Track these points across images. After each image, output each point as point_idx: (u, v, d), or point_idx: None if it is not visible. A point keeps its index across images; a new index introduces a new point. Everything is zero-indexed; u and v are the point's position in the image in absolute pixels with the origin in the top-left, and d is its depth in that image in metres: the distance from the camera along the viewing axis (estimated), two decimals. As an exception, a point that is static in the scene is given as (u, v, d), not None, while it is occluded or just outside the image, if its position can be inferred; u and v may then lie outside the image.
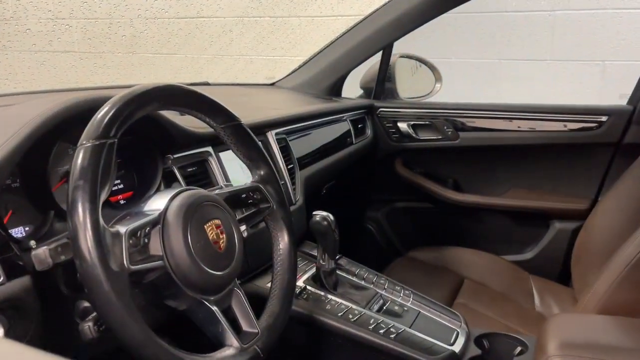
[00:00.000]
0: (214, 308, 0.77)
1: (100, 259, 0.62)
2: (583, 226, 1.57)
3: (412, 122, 1.89)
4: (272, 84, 1.99)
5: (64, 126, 0.78)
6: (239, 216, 0.89)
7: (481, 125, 1.81)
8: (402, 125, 1.90)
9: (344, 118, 1.75)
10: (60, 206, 0.80)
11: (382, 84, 1.96)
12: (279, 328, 0.85)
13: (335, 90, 1.94)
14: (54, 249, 0.67)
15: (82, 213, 0.62)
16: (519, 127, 1.77)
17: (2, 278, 0.67)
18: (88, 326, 0.68)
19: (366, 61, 1.90)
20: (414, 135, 1.90)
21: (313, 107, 1.63)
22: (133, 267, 0.66)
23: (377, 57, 1.89)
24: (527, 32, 2.59)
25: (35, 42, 2.46)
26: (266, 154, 0.94)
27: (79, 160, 0.64)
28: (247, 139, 0.91)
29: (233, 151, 0.92)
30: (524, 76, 2.63)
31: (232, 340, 0.76)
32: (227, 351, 0.75)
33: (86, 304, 0.75)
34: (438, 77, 2.07)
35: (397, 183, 1.97)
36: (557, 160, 1.79)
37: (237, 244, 0.81)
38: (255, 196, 0.91)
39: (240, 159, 0.93)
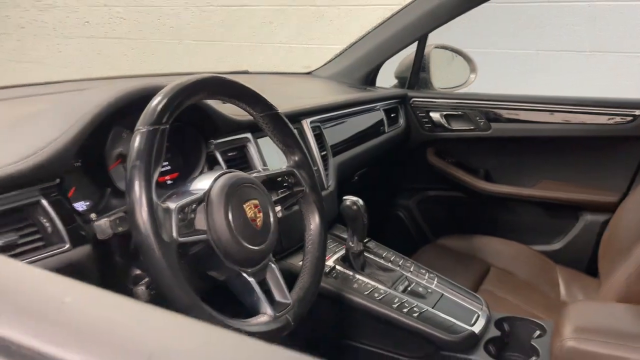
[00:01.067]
0: (251, 279, 0.85)
1: (153, 230, 0.70)
2: (611, 218, 1.58)
3: (444, 112, 1.93)
4: (309, 73, 2.06)
5: (120, 112, 0.87)
6: (274, 198, 0.96)
7: (513, 116, 1.84)
8: (435, 115, 1.94)
9: (377, 107, 1.80)
10: (116, 184, 0.90)
11: (417, 74, 2.00)
12: (309, 300, 0.93)
13: (369, 79, 1.99)
14: (114, 221, 0.77)
15: (138, 190, 0.71)
16: (551, 119, 1.78)
17: (68, 245, 0.77)
18: (141, 289, 0.78)
19: (401, 51, 1.95)
20: (446, 125, 1.93)
21: (347, 97, 1.69)
22: (181, 239, 0.75)
23: (412, 48, 1.93)
24: (566, 23, 2.57)
25: (93, 33, 2.63)
26: (301, 141, 1.01)
27: (136, 144, 0.73)
28: (283, 127, 0.98)
29: (270, 138, 0.99)
30: (562, 67, 2.61)
31: (266, 308, 0.84)
32: (262, 318, 0.84)
33: (138, 272, 0.84)
34: (473, 68, 2.10)
35: (429, 172, 2.02)
36: (589, 152, 1.80)
37: (272, 223, 0.89)
38: (289, 180, 0.99)
39: (276, 145, 1.00)
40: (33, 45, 2.68)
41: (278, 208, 0.96)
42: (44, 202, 0.76)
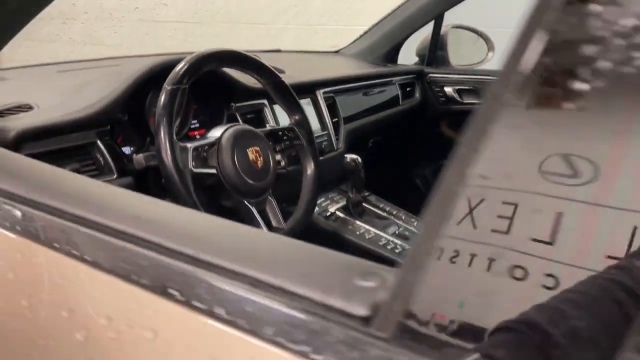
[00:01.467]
0: (253, 208, 1.09)
1: (173, 162, 0.96)
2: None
3: (457, 87, 2.10)
4: (337, 52, 2.27)
5: (155, 79, 1.13)
6: (278, 148, 1.20)
7: (519, 90, 1.98)
8: (449, 90, 2.11)
9: (393, 82, 1.99)
10: (154, 134, 1.16)
11: (434, 52, 2.17)
12: (299, 229, 1.17)
13: (390, 57, 2.18)
14: (147, 157, 1.03)
15: (163, 133, 0.97)
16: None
17: (115, 175, 1.04)
18: None
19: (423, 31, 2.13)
20: (458, 99, 2.10)
21: (360, 71, 1.90)
22: (195, 170, 1.00)
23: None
24: None
25: (141, 17, 3.01)
26: (300, 103, 1.24)
27: (162, 98, 0.99)
28: (285, 92, 1.21)
29: (275, 100, 1.23)
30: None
31: (264, 230, 1.09)
32: (259, 237, 1.08)
33: (167, 200, 1.11)
34: (491, 47, 2.24)
35: (443, 142, 2.19)
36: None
37: (271, 165, 1.13)
38: (289, 134, 1.22)
39: (280, 106, 1.24)
40: (94, 28, 3.11)
41: (279, 157, 1.20)
42: (99, 143, 1.04)
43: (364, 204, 1.50)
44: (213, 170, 1.04)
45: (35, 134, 0.93)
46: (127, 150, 1.14)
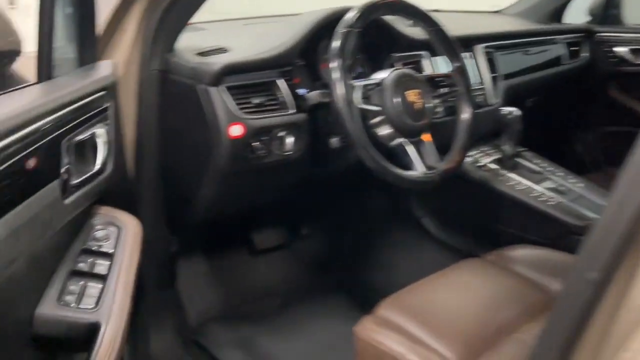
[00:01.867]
0: (409, 147, 1.18)
1: (343, 97, 1.08)
2: None
3: (632, 47, 1.95)
4: (497, 12, 2.23)
5: (326, 28, 1.25)
6: (436, 94, 1.27)
7: None
8: (621, 50, 1.97)
9: (556, 40, 1.92)
10: (324, 79, 1.29)
11: (606, 10, 2.04)
12: (452, 169, 1.23)
13: (555, 16, 2.09)
14: (319, 94, 1.17)
15: (335, 70, 1.09)
16: None
17: (293, 111, 1.19)
18: (335, 140, 1.17)
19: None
20: (631, 60, 1.95)
21: (520, 28, 1.86)
22: (361, 106, 1.11)
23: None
24: None
25: None
26: (459, 52, 1.28)
27: (336, 40, 1.11)
28: (446, 40, 1.27)
29: (436, 49, 1.29)
30: None
31: (420, 167, 1.17)
32: (414, 173, 1.16)
33: (334, 138, 1.23)
34: (677, 3, 2.04)
35: (610, 107, 2.06)
36: None
37: (427, 108, 1.20)
38: (448, 81, 1.28)
39: (441, 53, 1.29)
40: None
41: (437, 101, 1.27)
42: (279, 82, 1.19)
43: (517, 159, 1.51)
44: (377, 108, 1.15)
45: (233, 69, 1.11)
46: (301, 91, 1.29)
